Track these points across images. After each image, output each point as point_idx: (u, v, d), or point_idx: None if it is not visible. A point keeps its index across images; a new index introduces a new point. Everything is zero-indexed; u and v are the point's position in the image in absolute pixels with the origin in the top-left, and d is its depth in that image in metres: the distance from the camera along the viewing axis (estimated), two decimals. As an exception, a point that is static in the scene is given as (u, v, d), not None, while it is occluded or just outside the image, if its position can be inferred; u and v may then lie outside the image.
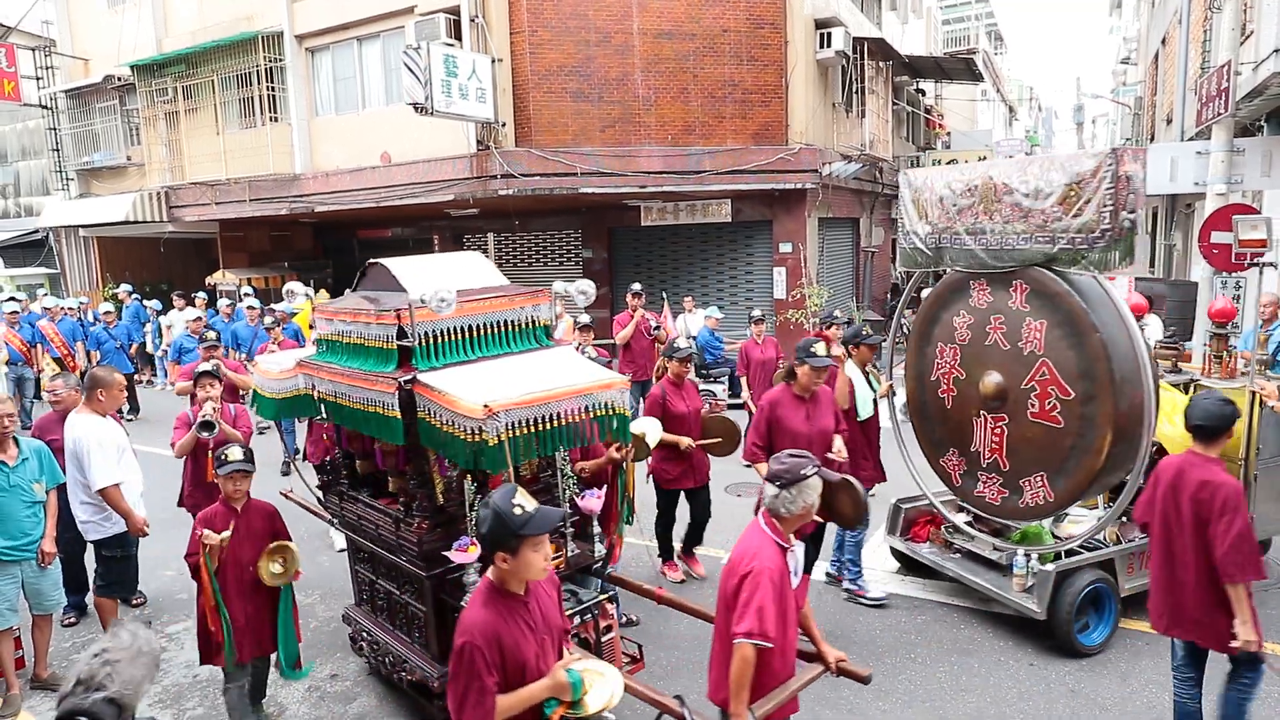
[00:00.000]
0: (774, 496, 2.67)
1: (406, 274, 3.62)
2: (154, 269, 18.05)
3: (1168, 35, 14.14)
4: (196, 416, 4.99)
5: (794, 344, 4.95)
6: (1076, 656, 4.36)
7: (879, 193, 16.14)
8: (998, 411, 4.61)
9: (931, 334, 5.01)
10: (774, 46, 11.62)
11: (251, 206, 13.86)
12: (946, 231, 4.69)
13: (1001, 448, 4.62)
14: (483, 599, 2.31)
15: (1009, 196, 4.33)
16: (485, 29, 11.04)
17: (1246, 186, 8.05)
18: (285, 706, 4.21)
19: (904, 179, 5.01)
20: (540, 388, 3.14)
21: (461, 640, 2.23)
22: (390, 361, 3.36)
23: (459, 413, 2.99)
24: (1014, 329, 4.48)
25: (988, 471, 4.74)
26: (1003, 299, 4.54)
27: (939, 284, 5.07)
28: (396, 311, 3.33)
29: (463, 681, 2.21)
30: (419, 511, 3.54)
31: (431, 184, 11.76)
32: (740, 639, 2.50)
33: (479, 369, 3.38)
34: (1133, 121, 18.95)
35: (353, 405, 3.50)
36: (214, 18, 13.87)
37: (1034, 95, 43.57)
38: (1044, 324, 4.32)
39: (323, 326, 3.87)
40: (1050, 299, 4.29)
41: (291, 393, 3.98)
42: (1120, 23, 27.76)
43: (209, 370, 5.29)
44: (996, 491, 4.70)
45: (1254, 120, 8.59)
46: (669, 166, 11.41)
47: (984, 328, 4.66)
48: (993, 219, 4.42)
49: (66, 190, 16.80)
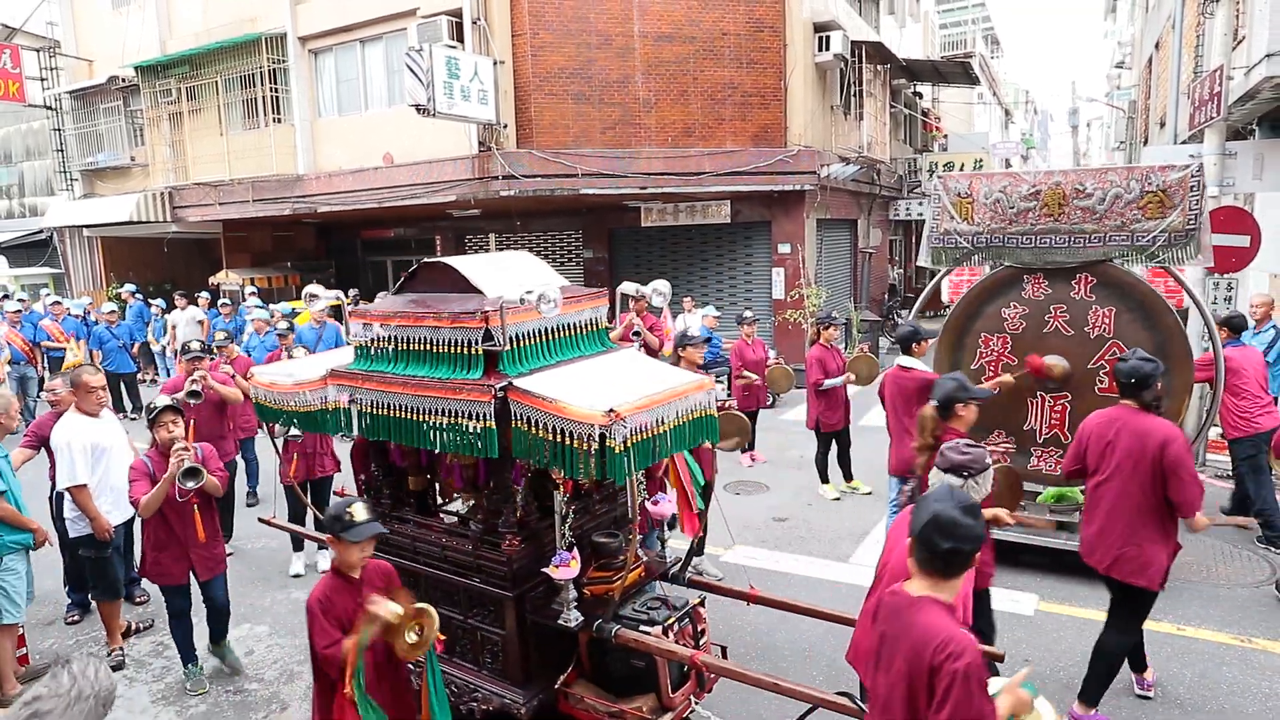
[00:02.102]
0: (959, 486, 2.81)
1: (476, 274, 3.34)
2: (157, 269, 18.13)
3: (1161, 40, 14.27)
4: (167, 460, 4.03)
5: (784, 344, 5.07)
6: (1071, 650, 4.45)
7: (876, 194, 16.26)
8: (1058, 391, 5.27)
9: (971, 328, 5.61)
10: (773, 50, 11.74)
11: (255, 207, 13.95)
12: (1000, 232, 5.30)
13: (1063, 423, 5.28)
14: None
15: (1079, 201, 5.02)
16: (487, 31, 11.15)
17: (1238, 189, 8.14)
18: (288, 703, 4.24)
19: (940, 183, 5.53)
20: (648, 391, 2.95)
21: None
22: (475, 368, 3.07)
23: (573, 419, 2.75)
24: (1078, 316, 5.20)
25: (1044, 446, 5.38)
26: (1063, 290, 5.25)
27: (981, 281, 5.61)
28: (483, 313, 3.05)
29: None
30: (506, 528, 3.28)
31: (433, 185, 11.86)
32: None
33: (566, 373, 3.16)
34: (1127, 125, 19.08)
35: (420, 418, 3.16)
36: (217, 19, 13.97)
37: (1030, 99, 43.76)
38: (1113, 310, 5.09)
39: (364, 333, 3.46)
40: (1120, 288, 5.08)
41: (315, 406, 3.55)
42: (1115, 27, 27.92)
43: (171, 405, 4.26)
44: (1055, 463, 5.23)
45: (1246, 124, 8.71)
46: (669, 168, 11.52)
47: (1043, 316, 5.32)
48: (1059, 220, 5.09)
49: (71, 191, 16.87)
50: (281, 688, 4.39)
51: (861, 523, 6.48)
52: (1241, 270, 7.62)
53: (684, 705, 3.33)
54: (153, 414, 4.20)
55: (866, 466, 7.81)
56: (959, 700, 1.91)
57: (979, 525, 2.15)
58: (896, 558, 2.76)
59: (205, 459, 4.17)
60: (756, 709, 3.89)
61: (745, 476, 7.61)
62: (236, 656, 4.60)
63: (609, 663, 3.38)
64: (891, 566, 2.79)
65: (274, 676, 4.51)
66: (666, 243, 13.58)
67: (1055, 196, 5.10)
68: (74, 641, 4.96)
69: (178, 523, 4.16)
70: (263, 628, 5.07)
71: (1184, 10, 11.13)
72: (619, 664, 3.35)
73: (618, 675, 3.35)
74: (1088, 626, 4.44)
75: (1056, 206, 5.11)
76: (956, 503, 2.17)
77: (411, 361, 3.29)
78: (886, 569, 2.85)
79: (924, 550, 2.12)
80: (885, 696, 2.11)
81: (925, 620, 2.05)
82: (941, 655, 1.97)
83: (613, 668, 3.37)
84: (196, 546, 4.24)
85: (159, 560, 4.19)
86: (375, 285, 16.64)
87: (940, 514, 2.11)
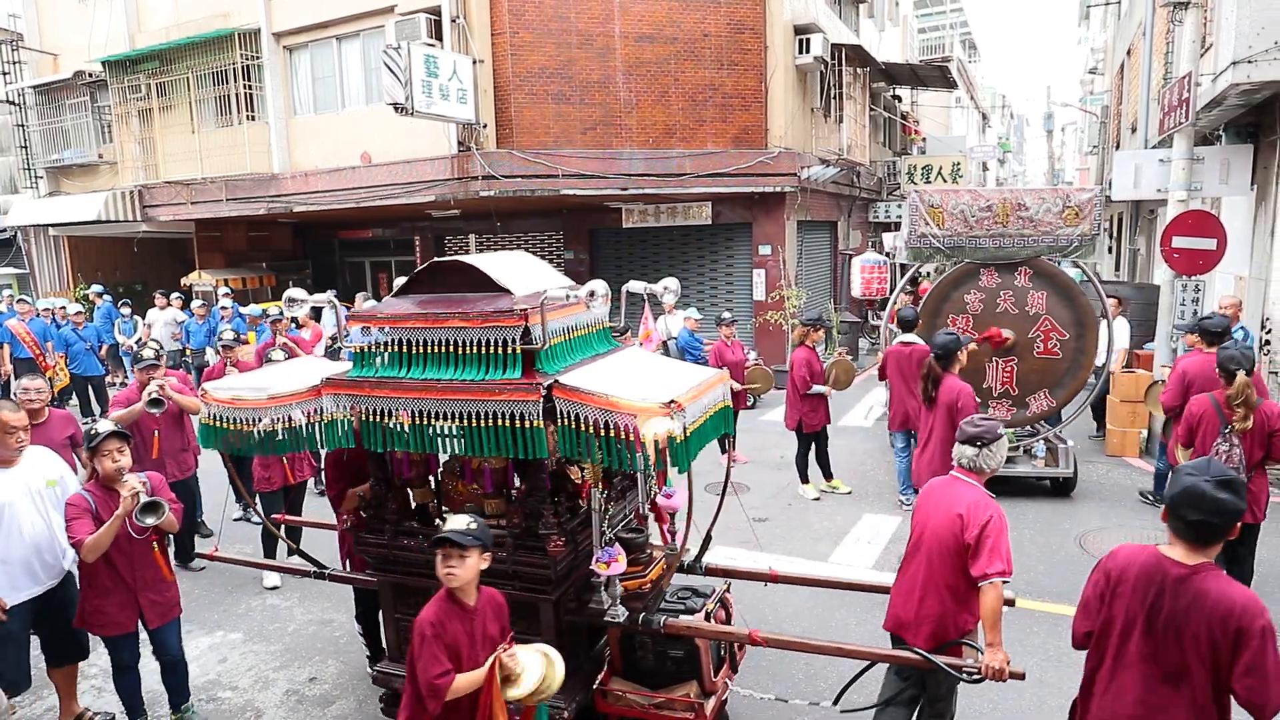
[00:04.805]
0: (975, 455, 3.13)
1: (498, 273, 3.27)
2: (127, 269, 17.74)
3: (1133, 46, 14.55)
4: (110, 494, 3.53)
5: (764, 345, 5.34)
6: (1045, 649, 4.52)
7: (856, 196, 16.39)
8: (1007, 355, 7.00)
9: (941, 309, 7.14)
10: (754, 51, 11.78)
11: (228, 206, 13.71)
12: (964, 235, 6.88)
13: (1012, 380, 7.04)
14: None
15: (1021, 213, 6.75)
16: (466, 30, 11.06)
17: (1206, 193, 8.33)
18: (263, 711, 4.17)
19: (916, 195, 7.02)
20: (689, 382, 3.02)
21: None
22: (513, 367, 3.00)
23: (628, 412, 2.76)
24: (1020, 299, 6.97)
25: (999, 399, 7.08)
26: (1009, 279, 6.99)
27: (948, 274, 7.16)
28: (522, 311, 3.00)
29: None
30: (548, 529, 3.22)
31: (412, 185, 11.74)
32: (994, 578, 2.88)
33: (596, 369, 3.17)
34: (1100, 129, 19.44)
35: (448, 423, 3.04)
36: (189, 14, 13.70)
37: (1006, 103, 44.40)
38: (1044, 293, 6.92)
39: (364, 337, 3.28)
40: (1049, 277, 6.93)
41: (299, 421, 3.32)
42: (1088, 34, 28.42)
43: (116, 431, 3.62)
44: (1006, 410, 7.04)
45: (1213, 129, 8.90)
46: (650, 169, 11.51)
47: (994, 300, 7.03)
48: (1007, 227, 6.80)
49: (36, 188, 16.45)
50: (256, 695, 4.31)
51: (841, 523, 6.52)
52: (1208, 273, 7.79)
53: (723, 687, 3.49)
54: (94, 441, 3.55)
55: (845, 467, 7.88)
56: (1259, 652, 2.14)
57: (1233, 500, 2.19)
58: (935, 520, 3.09)
59: (155, 489, 3.62)
60: (785, 685, 4.12)
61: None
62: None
63: (641, 657, 3.44)
64: (932, 526, 3.10)
65: (248, 684, 4.43)
66: (648, 244, 13.58)
67: (1004, 209, 6.79)
68: (36, 652, 4.79)
69: (124, 565, 3.60)
70: (237, 635, 4.98)
71: (1154, 18, 11.36)
72: (652, 657, 3.44)
73: (650, 669, 3.43)
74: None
75: (1005, 216, 6.79)
76: (1211, 475, 2.22)
77: (430, 365, 3.14)
78: (926, 529, 3.14)
79: (1176, 520, 2.26)
80: (1176, 662, 2.27)
81: (1215, 588, 2.21)
82: (1247, 620, 2.16)
83: (645, 662, 3.43)
84: (148, 590, 3.68)
85: (102, 608, 3.59)
86: (354, 286, 16.43)
87: (1191, 487, 2.20)
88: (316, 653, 4.71)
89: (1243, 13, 6.44)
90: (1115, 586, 2.42)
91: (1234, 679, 2.19)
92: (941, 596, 3.08)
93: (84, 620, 3.67)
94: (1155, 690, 2.31)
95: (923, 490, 3.33)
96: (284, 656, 4.70)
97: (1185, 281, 7.81)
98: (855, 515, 6.66)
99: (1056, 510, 6.57)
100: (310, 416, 3.30)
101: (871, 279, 13.56)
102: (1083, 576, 5.29)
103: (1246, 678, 2.16)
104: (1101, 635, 2.46)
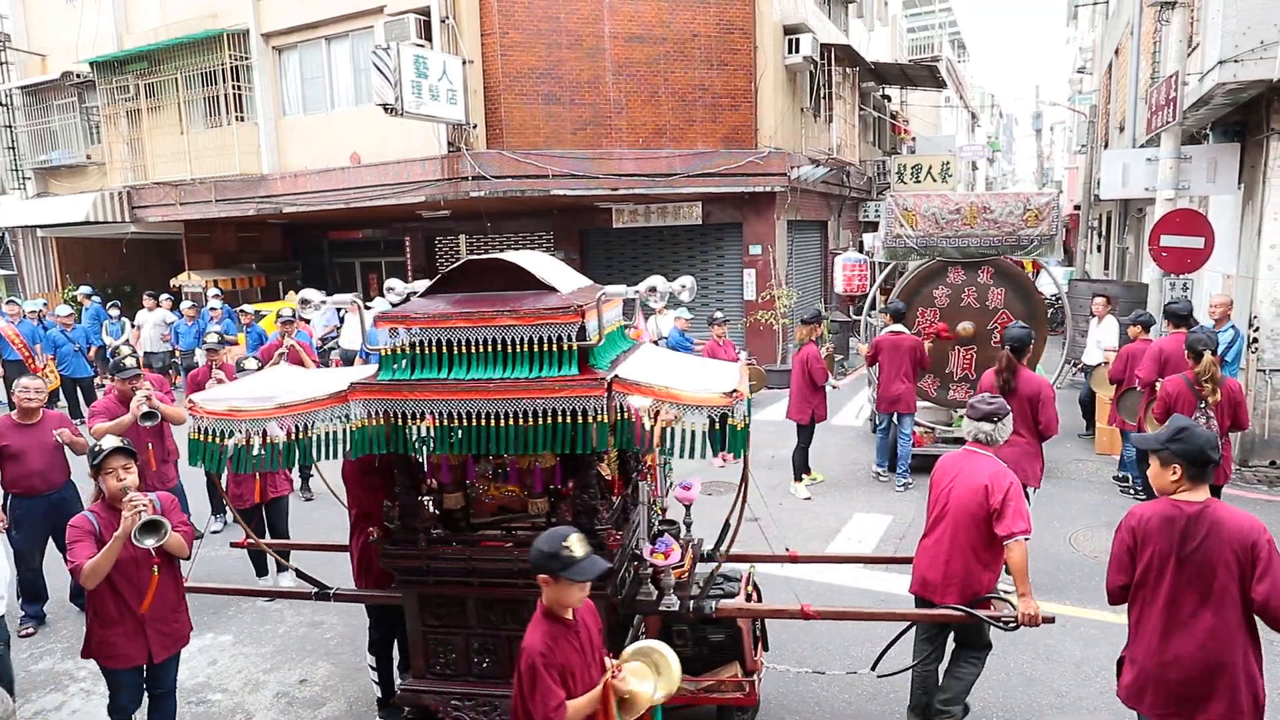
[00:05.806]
0: (992, 430, 3.54)
1: (541, 271, 3.28)
2: (115, 270, 17.62)
3: (1120, 46, 14.65)
4: (116, 515, 3.25)
5: (755, 345, 5.42)
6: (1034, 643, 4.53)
7: (846, 196, 16.44)
8: (968, 345, 7.65)
9: (913, 303, 7.66)
10: (743, 51, 11.80)
11: (218, 207, 13.63)
12: (935, 235, 7.41)
13: (971, 366, 7.67)
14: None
15: (986, 215, 7.30)
16: (456, 30, 11.04)
17: (1193, 192, 8.38)
18: (253, 713, 4.16)
19: (893, 199, 7.54)
20: (723, 372, 3.22)
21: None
22: (569, 364, 2.98)
23: (692, 403, 2.87)
24: (982, 294, 7.57)
25: (959, 383, 7.75)
26: (973, 276, 7.58)
27: (919, 271, 7.66)
28: (578, 308, 3.00)
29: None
30: (603, 525, 3.17)
31: (402, 185, 11.71)
32: (1018, 536, 3.30)
33: (638, 363, 3.26)
34: (1088, 128, 19.54)
35: (500, 422, 2.97)
36: (177, 15, 13.62)
37: (995, 102, 44.62)
38: (1004, 290, 7.55)
39: (391, 339, 3.12)
40: (1009, 275, 7.56)
41: (319, 430, 3.16)
42: (1076, 33, 28.59)
43: (123, 447, 3.40)
44: (965, 393, 7.51)
45: (1200, 129, 8.96)
46: (640, 169, 11.52)
47: (959, 294, 7.62)
48: (973, 228, 7.34)
49: (23, 189, 16.32)
50: (246, 697, 4.30)
51: (832, 522, 6.54)
52: (1196, 271, 7.85)
53: (761, 665, 3.73)
54: (98, 458, 3.32)
55: (835, 465, 7.97)
56: (1268, 561, 2.60)
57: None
58: (959, 490, 3.46)
59: (165, 510, 3.34)
60: (812, 658, 4.33)
61: (717, 476, 7.62)
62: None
63: (680, 647, 3.49)
64: (956, 495, 3.47)
65: (238, 686, 4.41)
66: (638, 244, 13.58)
67: (972, 212, 7.32)
68: (27, 654, 4.79)
69: (130, 591, 3.31)
70: (227, 637, 4.96)
71: (1142, 18, 11.44)
72: (690, 644, 3.59)
73: (688, 656, 3.48)
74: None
75: (971, 219, 7.31)
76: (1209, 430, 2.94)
77: (474, 365, 3.04)
78: (950, 499, 3.49)
79: (1195, 467, 2.72)
80: (1219, 587, 2.67)
81: (1228, 516, 2.68)
82: (1257, 535, 2.63)
83: (683, 650, 3.48)
84: (156, 620, 3.40)
85: (107, 639, 3.35)
86: (344, 287, 16.38)
87: (1210, 438, 2.73)
88: (307, 655, 4.69)
89: (1229, 12, 6.49)
90: (1142, 538, 2.78)
91: (1252, 587, 2.61)
92: (967, 559, 3.46)
93: (90, 651, 3.43)
94: (1202, 618, 2.69)
95: (938, 465, 3.70)
96: (274, 659, 4.68)
97: (1174, 280, 7.87)
98: (846, 514, 6.69)
99: (1047, 509, 6.62)
100: (338, 424, 3.14)
101: (853, 276, 13.69)
102: (1074, 574, 5.43)
103: (1260, 584, 2.59)
104: (1140, 583, 2.80)
